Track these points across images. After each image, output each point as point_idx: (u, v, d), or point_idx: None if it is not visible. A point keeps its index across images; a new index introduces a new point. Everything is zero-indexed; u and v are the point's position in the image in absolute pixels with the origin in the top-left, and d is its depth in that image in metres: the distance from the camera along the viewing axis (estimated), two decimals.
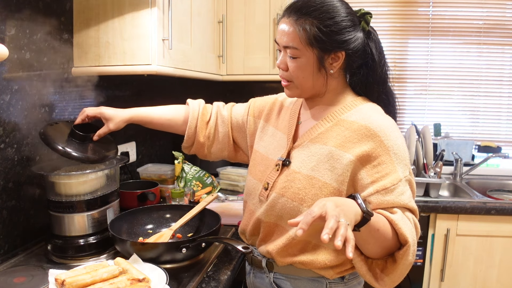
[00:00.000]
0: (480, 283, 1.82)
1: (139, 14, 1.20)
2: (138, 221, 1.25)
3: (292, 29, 0.92)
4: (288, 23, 0.93)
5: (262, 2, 1.87)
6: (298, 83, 0.96)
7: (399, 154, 0.89)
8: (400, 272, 0.87)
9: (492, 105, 2.46)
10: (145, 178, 1.77)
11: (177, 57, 1.35)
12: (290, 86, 0.99)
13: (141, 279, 0.88)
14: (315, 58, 0.92)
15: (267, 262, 1.02)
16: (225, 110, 1.24)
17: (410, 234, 0.84)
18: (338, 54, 0.93)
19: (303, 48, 0.91)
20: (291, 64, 0.94)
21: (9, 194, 1.11)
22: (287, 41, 0.93)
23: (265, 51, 1.89)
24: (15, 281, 0.95)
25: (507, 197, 2.13)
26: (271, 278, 1.02)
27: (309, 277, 0.97)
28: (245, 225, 1.10)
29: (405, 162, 0.91)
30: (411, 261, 0.86)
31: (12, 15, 1.07)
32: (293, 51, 0.93)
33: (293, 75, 0.96)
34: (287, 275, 1.00)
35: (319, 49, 0.91)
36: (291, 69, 0.95)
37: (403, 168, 0.89)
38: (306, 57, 0.92)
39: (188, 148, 1.26)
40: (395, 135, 0.91)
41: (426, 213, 1.80)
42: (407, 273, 0.89)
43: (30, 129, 1.17)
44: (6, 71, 1.07)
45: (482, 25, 2.39)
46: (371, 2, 2.41)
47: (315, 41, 0.90)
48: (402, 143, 0.92)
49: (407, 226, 0.85)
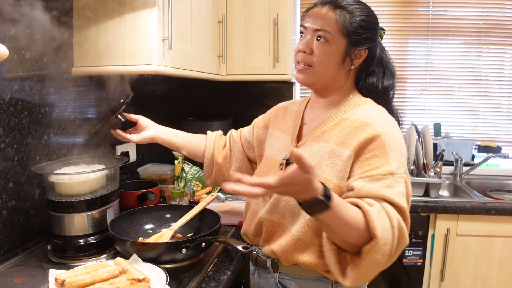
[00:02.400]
0: (480, 283, 1.82)
1: (139, 14, 1.20)
2: (138, 221, 1.25)
3: (331, 14, 0.94)
4: (326, 9, 0.96)
5: (262, 2, 1.87)
6: (319, 69, 0.96)
7: (395, 151, 0.88)
8: (365, 269, 0.82)
9: (492, 105, 2.46)
10: (145, 178, 1.76)
11: (177, 57, 1.35)
12: (308, 71, 0.98)
13: (141, 279, 0.88)
14: (343, 48, 0.95)
15: (272, 262, 1.02)
16: (235, 133, 1.32)
17: (381, 229, 0.79)
18: (361, 52, 0.97)
19: (337, 35, 0.94)
20: (319, 48, 0.95)
21: (9, 194, 1.11)
22: (322, 24, 0.94)
23: (265, 51, 1.89)
24: (15, 281, 0.95)
25: (507, 197, 2.13)
26: (276, 278, 1.02)
27: (314, 277, 0.97)
28: (247, 225, 1.10)
29: (401, 160, 0.88)
30: (380, 260, 0.80)
31: (12, 15, 1.07)
32: (325, 34, 0.94)
33: (318, 60, 0.96)
34: (292, 275, 1.00)
35: (349, 41, 0.94)
36: (317, 53, 0.95)
37: (397, 165, 0.87)
38: (336, 45, 0.95)
39: (209, 175, 1.31)
40: (394, 133, 0.91)
41: (426, 213, 1.80)
42: (374, 273, 0.84)
43: (30, 129, 1.17)
44: (6, 71, 1.07)
45: (482, 25, 2.39)
46: (371, 2, 2.40)
47: (349, 32, 0.94)
48: (401, 142, 0.91)
49: (380, 221, 0.79)
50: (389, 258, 0.82)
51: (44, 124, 1.23)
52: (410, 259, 1.82)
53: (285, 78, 1.94)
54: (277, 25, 1.84)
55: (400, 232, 0.82)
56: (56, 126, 1.28)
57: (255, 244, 1.09)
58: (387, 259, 0.82)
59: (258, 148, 1.22)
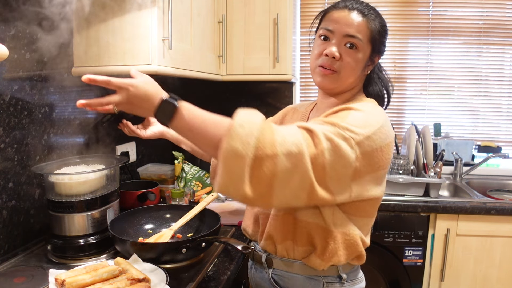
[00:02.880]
0: (480, 283, 1.82)
1: (139, 14, 1.20)
2: (138, 221, 1.25)
3: (363, 22, 0.94)
4: (355, 15, 0.94)
5: (262, 2, 1.87)
6: (345, 75, 0.95)
7: (358, 119, 0.83)
8: (226, 162, 0.71)
9: (492, 105, 2.46)
10: (145, 178, 1.76)
11: (177, 57, 1.35)
12: (333, 76, 0.96)
13: (141, 279, 0.88)
14: (368, 55, 0.96)
15: (266, 258, 1.03)
16: None
17: (244, 117, 0.74)
18: (375, 59, 0.98)
19: (366, 42, 0.94)
20: (350, 55, 0.94)
21: (9, 194, 1.11)
22: (354, 31, 0.93)
23: (265, 51, 1.89)
24: (15, 281, 0.95)
25: (507, 197, 2.13)
26: (269, 274, 1.03)
27: (306, 275, 0.98)
28: (247, 220, 1.13)
29: (360, 130, 0.81)
30: (241, 151, 0.70)
31: (12, 15, 1.07)
32: (358, 42, 0.93)
33: (346, 66, 0.94)
34: (285, 272, 1.00)
35: (373, 48, 0.96)
36: (347, 60, 0.94)
37: (347, 126, 0.81)
38: (363, 52, 0.95)
39: (215, 176, 1.28)
40: (368, 116, 0.86)
41: (426, 213, 1.80)
42: (231, 180, 0.72)
43: (30, 129, 1.17)
44: (6, 71, 1.07)
45: (482, 25, 2.39)
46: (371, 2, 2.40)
47: (375, 39, 0.95)
48: (373, 122, 0.85)
49: (249, 114, 0.75)
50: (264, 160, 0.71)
51: (44, 124, 1.23)
52: (410, 259, 1.82)
53: (285, 78, 1.94)
54: (277, 25, 1.84)
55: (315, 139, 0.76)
56: (56, 126, 1.28)
57: (254, 239, 1.10)
58: (253, 154, 0.71)
59: None
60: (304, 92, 2.54)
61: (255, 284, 1.09)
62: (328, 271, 0.97)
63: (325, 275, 0.97)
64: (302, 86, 2.55)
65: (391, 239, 1.80)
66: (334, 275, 0.98)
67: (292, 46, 1.99)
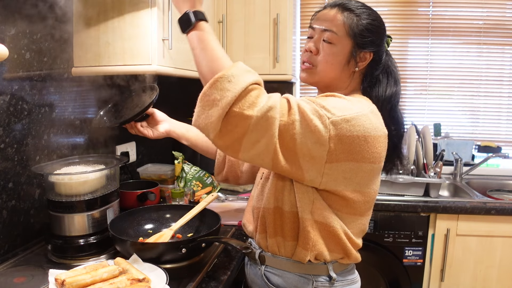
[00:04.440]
0: (480, 283, 1.82)
1: (139, 14, 1.20)
2: (138, 221, 1.25)
3: (338, 16, 0.97)
4: (335, 11, 0.98)
5: (262, 2, 1.87)
6: (322, 69, 0.98)
7: (336, 101, 0.86)
8: (199, 111, 0.79)
9: (492, 105, 2.46)
10: (145, 178, 1.76)
11: (177, 57, 1.35)
12: (311, 71, 1.01)
13: (141, 279, 0.88)
14: (349, 50, 0.97)
15: (259, 255, 1.03)
16: None
17: (235, 68, 0.82)
18: (367, 55, 0.98)
19: (343, 36, 0.96)
20: (325, 49, 0.97)
21: (9, 194, 1.11)
22: (329, 25, 0.97)
23: (265, 51, 1.89)
24: (15, 281, 0.95)
25: (507, 197, 2.13)
26: (262, 270, 1.03)
27: (297, 273, 0.98)
28: (247, 215, 1.13)
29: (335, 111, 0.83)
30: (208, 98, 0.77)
31: (12, 15, 1.07)
32: (332, 35, 0.96)
33: (322, 60, 0.98)
34: (277, 269, 1.00)
35: (355, 43, 0.96)
36: (323, 53, 0.98)
37: (324, 104, 0.84)
38: (341, 46, 0.97)
39: (219, 171, 1.31)
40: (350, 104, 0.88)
41: (426, 213, 1.80)
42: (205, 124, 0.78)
43: (30, 129, 1.17)
44: (6, 71, 1.07)
45: (482, 25, 2.39)
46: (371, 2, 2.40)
47: (355, 34, 0.96)
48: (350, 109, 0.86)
49: (240, 68, 0.83)
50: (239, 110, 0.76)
51: (44, 124, 1.23)
52: (410, 259, 1.82)
53: (285, 78, 1.94)
54: (277, 25, 1.84)
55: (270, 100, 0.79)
56: (56, 126, 1.28)
57: (251, 236, 1.10)
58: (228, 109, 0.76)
59: None
60: (304, 92, 2.54)
61: (250, 280, 1.10)
62: (318, 270, 0.97)
63: (315, 274, 0.97)
64: (302, 86, 2.55)
65: (391, 239, 1.80)
66: (324, 274, 0.97)
67: (292, 46, 1.99)
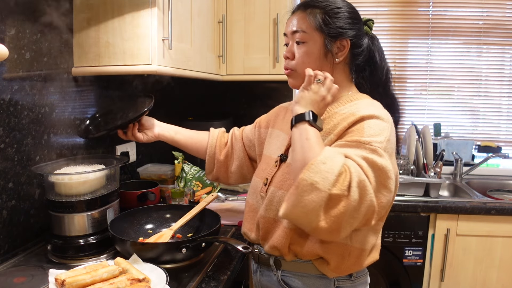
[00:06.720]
0: (480, 283, 1.82)
1: (139, 14, 1.20)
2: (138, 221, 1.25)
3: (302, 15, 0.98)
4: (298, 12, 1.00)
5: (262, 2, 1.87)
6: (301, 70, 0.98)
7: (373, 129, 0.86)
8: (294, 201, 0.76)
9: (492, 105, 2.46)
10: (145, 178, 1.76)
11: (177, 57, 1.35)
12: (293, 75, 1.02)
13: (141, 279, 0.88)
14: (321, 43, 0.97)
15: (275, 260, 1.02)
16: (238, 131, 1.33)
17: (328, 154, 0.77)
18: (344, 43, 0.97)
19: (311, 32, 0.97)
20: (298, 50, 0.98)
21: (9, 194, 1.11)
22: (296, 25, 0.98)
23: (265, 51, 1.89)
24: (15, 281, 0.95)
25: (507, 197, 2.13)
26: (279, 276, 1.02)
27: (317, 274, 0.97)
28: (249, 224, 1.10)
29: (378, 139, 0.84)
30: (319, 185, 0.73)
31: (12, 15, 1.07)
32: (301, 34, 0.97)
33: (299, 62, 0.99)
34: (295, 272, 1.00)
35: (325, 34, 0.96)
36: (297, 55, 0.99)
37: (370, 139, 0.84)
38: (313, 41, 0.97)
39: (210, 171, 1.33)
40: (378, 120, 0.88)
41: (426, 213, 1.80)
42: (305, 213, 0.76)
43: (30, 129, 1.17)
44: (6, 71, 1.07)
45: (482, 25, 2.39)
46: (371, 2, 2.41)
47: (322, 25, 0.96)
48: (384, 127, 0.87)
49: (332, 151, 0.79)
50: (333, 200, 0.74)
51: (44, 124, 1.23)
52: (410, 259, 1.82)
53: (285, 78, 1.93)
54: (277, 25, 1.84)
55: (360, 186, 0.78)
56: (56, 126, 1.28)
57: (257, 242, 1.09)
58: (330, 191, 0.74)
59: (258, 147, 1.22)
60: None
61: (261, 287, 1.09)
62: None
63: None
64: None
65: (391, 239, 1.80)
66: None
67: None
